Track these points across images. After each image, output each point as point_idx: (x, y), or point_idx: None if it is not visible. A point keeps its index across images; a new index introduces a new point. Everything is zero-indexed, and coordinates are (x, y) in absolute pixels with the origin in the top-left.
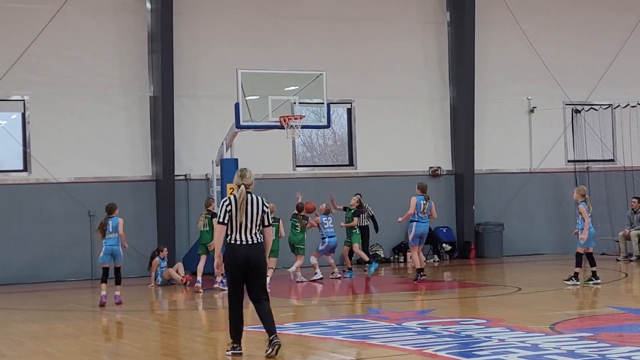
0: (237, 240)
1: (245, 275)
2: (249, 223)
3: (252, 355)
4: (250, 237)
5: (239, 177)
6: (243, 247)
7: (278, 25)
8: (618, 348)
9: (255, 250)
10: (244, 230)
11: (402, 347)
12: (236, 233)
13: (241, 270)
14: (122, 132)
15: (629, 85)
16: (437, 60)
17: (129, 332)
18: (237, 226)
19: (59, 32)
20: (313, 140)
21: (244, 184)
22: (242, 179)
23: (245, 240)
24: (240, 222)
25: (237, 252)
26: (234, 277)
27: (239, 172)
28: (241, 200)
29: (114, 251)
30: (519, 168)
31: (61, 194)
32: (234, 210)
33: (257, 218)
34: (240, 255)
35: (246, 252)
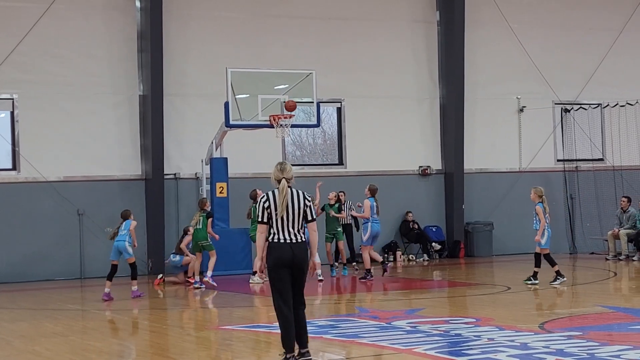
0: (280, 239)
1: (290, 276)
2: (291, 219)
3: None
4: (294, 235)
5: (279, 170)
6: (288, 245)
7: (268, 24)
8: (607, 347)
9: (300, 249)
10: (286, 227)
11: (391, 346)
12: (279, 231)
13: (289, 271)
14: (112, 131)
15: (618, 84)
16: (427, 60)
17: (118, 331)
18: (279, 224)
19: (48, 31)
20: (303, 139)
21: (285, 177)
22: (283, 172)
23: (289, 238)
24: (282, 219)
25: (282, 251)
26: (281, 279)
27: (279, 166)
28: (284, 195)
29: (119, 247)
30: (508, 167)
31: (50, 193)
32: (272, 207)
33: (299, 213)
34: (286, 255)
35: (292, 252)
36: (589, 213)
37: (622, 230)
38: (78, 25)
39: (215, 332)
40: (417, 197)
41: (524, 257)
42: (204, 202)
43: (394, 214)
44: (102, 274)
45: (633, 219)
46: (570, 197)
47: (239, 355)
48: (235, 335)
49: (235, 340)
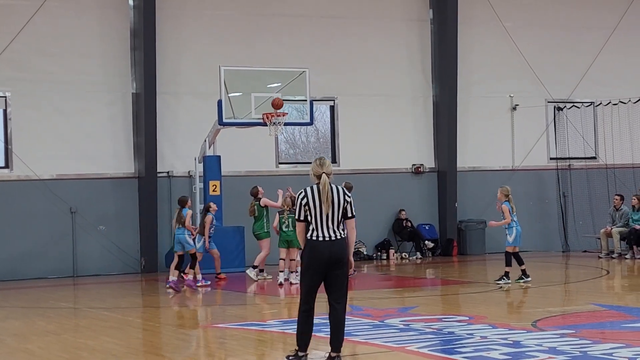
0: (319, 237)
1: (325, 275)
2: (330, 216)
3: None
4: (333, 232)
5: (318, 165)
6: (326, 243)
7: (261, 22)
8: (600, 345)
9: (339, 247)
10: (326, 224)
11: (384, 344)
12: (318, 228)
13: (322, 270)
14: (105, 129)
15: (611, 83)
16: (420, 58)
17: (110, 329)
18: (318, 220)
19: (41, 28)
20: (296, 138)
21: (325, 172)
22: (322, 167)
23: (328, 236)
24: (321, 216)
25: (319, 249)
26: (312, 278)
27: (319, 161)
28: (327, 191)
29: (180, 240)
30: (501, 165)
31: (43, 191)
32: (311, 203)
33: (339, 210)
34: (322, 254)
35: (329, 250)
36: (582, 211)
37: (615, 228)
38: (71, 23)
39: (208, 330)
40: (410, 195)
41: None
42: (184, 200)
43: (387, 212)
44: (94, 272)
45: (626, 217)
46: (563, 195)
47: (232, 353)
48: (229, 333)
49: (228, 339)
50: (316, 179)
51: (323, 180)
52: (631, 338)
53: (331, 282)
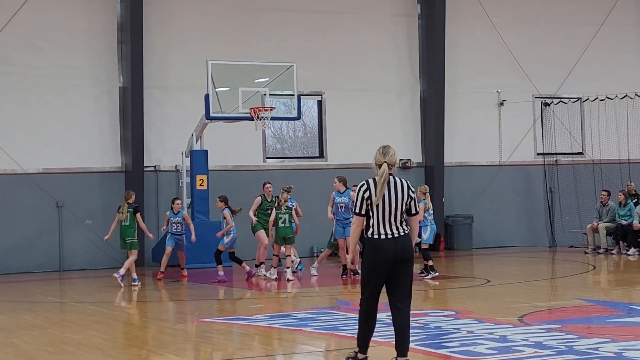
0: (381, 234)
1: (388, 274)
2: (393, 211)
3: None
4: (396, 229)
5: (381, 153)
6: (390, 241)
7: (248, 16)
8: (585, 339)
9: (404, 245)
10: (387, 220)
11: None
12: (380, 225)
13: (386, 270)
14: (91, 123)
15: (598, 78)
16: (408, 53)
17: (96, 323)
18: (380, 216)
19: (27, 22)
20: (283, 132)
21: (387, 162)
22: (385, 155)
23: (391, 233)
24: (383, 211)
25: (383, 247)
26: (375, 278)
27: (381, 149)
28: (382, 182)
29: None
30: (488, 161)
31: (29, 185)
32: (373, 196)
33: (402, 205)
34: (387, 252)
35: (394, 248)
36: (569, 206)
37: (601, 224)
38: (58, 16)
39: (195, 324)
40: None
41: (504, 250)
42: (129, 195)
43: None
44: (81, 266)
45: (612, 213)
46: (550, 191)
47: (219, 347)
48: (215, 327)
49: (214, 333)
50: (378, 169)
51: (382, 170)
52: (617, 333)
53: (394, 281)
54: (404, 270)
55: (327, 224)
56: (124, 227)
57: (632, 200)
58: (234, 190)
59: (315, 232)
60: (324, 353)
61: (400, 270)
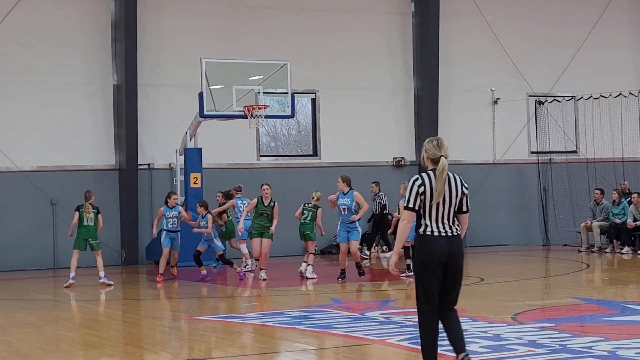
0: (434, 231)
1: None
2: (447, 208)
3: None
4: (449, 227)
5: (436, 146)
6: (444, 239)
7: (242, 14)
8: (579, 338)
9: (458, 243)
10: (441, 217)
11: (364, 337)
12: (433, 222)
13: (441, 270)
14: (85, 120)
15: (592, 77)
16: (402, 51)
17: (90, 321)
18: (434, 213)
19: (21, 20)
20: (277, 130)
21: (444, 155)
22: (440, 149)
23: (445, 231)
24: (437, 207)
25: (438, 246)
26: (431, 280)
27: (436, 142)
28: (443, 177)
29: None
30: (482, 159)
31: (23, 183)
32: (428, 192)
33: (456, 202)
34: (441, 251)
35: (449, 247)
36: (562, 205)
37: (595, 223)
38: (51, 14)
39: (188, 322)
40: (391, 188)
41: (498, 249)
42: (90, 195)
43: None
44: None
45: (606, 211)
46: (544, 189)
47: (212, 345)
48: (209, 325)
49: (208, 331)
50: (432, 164)
51: (442, 165)
52: (610, 331)
53: (445, 283)
54: (456, 270)
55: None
56: (87, 228)
57: (626, 199)
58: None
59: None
60: (318, 351)
61: (453, 271)
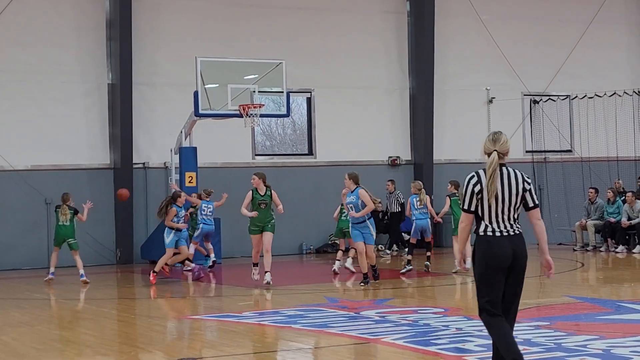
0: (495, 231)
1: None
2: (507, 206)
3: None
4: (510, 226)
5: (491, 141)
6: (505, 239)
7: (237, 13)
8: (574, 337)
9: (521, 244)
10: (500, 215)
11: (360, 335)
12: (492, 221)
13: (504, 272)
14: (80, 119)
15: (587, 76)
16: (397, 50)
17: (85, 320)
18: (492, 211)
19: (16, 18)
20: (272, 129)
21: (498, 150)
22: (495, 143)
23: (506, 230)
24: (495, 206)
25: (499, 246)
26: (494, 284)
27: (492, 136)
28: (491, 173)
29: None
30: (477, 158)
31: (18, 182)
32: (485, 190)
33: (516, 199)
34: (503, 251)
35: (511, 247)
36: (557, 204)
37: (590, 221)
38: (46, 13)
39: (183, 321)
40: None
41: None
42: (67, 197)
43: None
44: (69, 263)
45: (600, 210)
46: (539, 188)
47: (208, 344)
48: (204, 324)
49: (203, 330)
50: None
51: (490, 160)
52: (605, 330)
53: (505, 289)
54: (518, 275)
55: (316, 220)
56: (64, 227)
57: (620, 198)
58: (223, 188)
59: (304, 230)
60: (313, 350)
61: (515, 275)
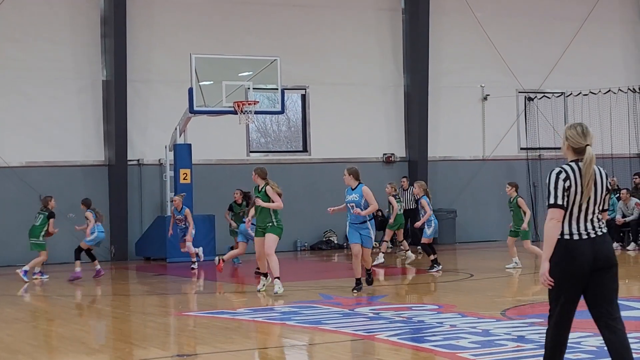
0: (573, 234)
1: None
2: (592, 205)
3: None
4: (592, 227)
5: (581, 134)
6: (587, 242)
7: (232, 10)
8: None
9: (606, 245)
10: (583, 216)
11: (354, 332)
12: (573, 222)
13: (583, 279)
14: (75, 116)
15: (581, 73)
16: (392, 48)
17: (80, 317)
18: (577, 211)
19: (10, 15)
20: (267, 126)
21: (590, 145)
22: (586, 137)
23: (587, 232)
24: (580, 205)
25: (580, 250)
26: (570, 293)
27: (580, 128)
28: (591, 171)
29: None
30: (472, 155)
31: (12, 179)
32: (573, 187)
33: (601, 198)
34: (583, 256)
35: (592, 250)
36: None
37: None
38: (41, 9)
39: (177, 318)
40: (381, 184)
41: (487, 245)
42: (47, 201)
43: None
44: (64, 259)
45: None
46: (533, 185)
47: (202, 341)
48: (198, 321)
49: (198, 327)
50: (573, 155)
51: (589, 157)
52: None
53: (598, 293)
54: (608, 278)
55: (310, 217)
56: (33, 227)
57: (615, 195)
58: (218, 184)
59: (299, 227)
60: (307, 347)
61: (603, 279)
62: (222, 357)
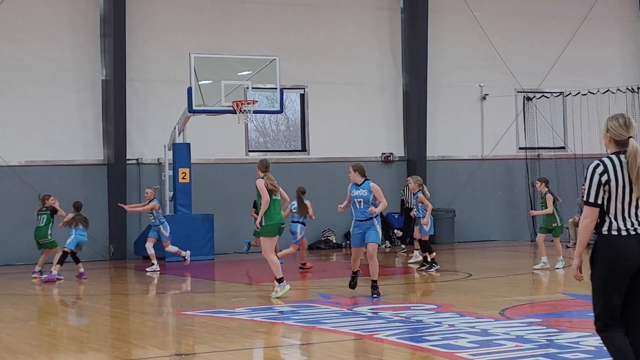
0: (621, 230)
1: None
2: (635, 200)
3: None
4: (638, 222)
5: (623, 126)
6: (634, 239)
7: (231, 9)
8: (566, 333)
9: None
10: (628, 211)
11: (352, 332)
12: (619, 218)
13: (627, 278)
14: (74, 115)
15: (580, 73)
16: (390, 47)
17: (78, 316)
18: (619, 206)
19: (9, 15)
20: (266, 126)
21: (633, 137)
22: (629, 129)
23: (634, 228)
24: (622, 200)
25: (624, 248)
26: (615, 290)
27: (622, 119)
28: (638, 164)
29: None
30: (470, 155)
31: (12, 178)
32: (613, 181)
33: None
34: (630, 252)
35: (638, 248)
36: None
37: None
38: (40, 9)
39: (176, 317)
40: (380, 183)
41: (486, 244)
42: (46, 198)
43: None
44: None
45: None
46: (532, 185)
47: (200, 340)
48: (197, 320)
49: (196, 326)
50: (615, 147)
51: (633, 149)
52: None
53: (635, 293)
54: None
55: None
56: (37, 228)
57: None
58: (217, 184)
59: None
60: (306, 346)
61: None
62: (220, 357)
